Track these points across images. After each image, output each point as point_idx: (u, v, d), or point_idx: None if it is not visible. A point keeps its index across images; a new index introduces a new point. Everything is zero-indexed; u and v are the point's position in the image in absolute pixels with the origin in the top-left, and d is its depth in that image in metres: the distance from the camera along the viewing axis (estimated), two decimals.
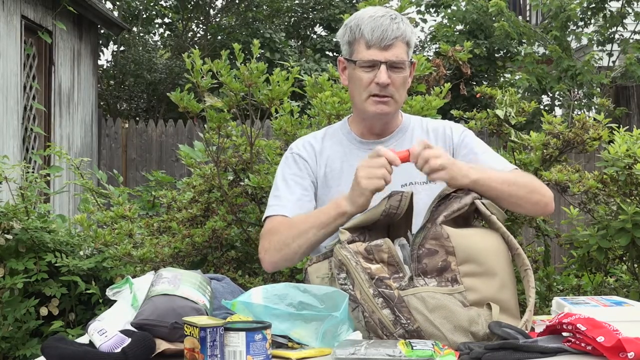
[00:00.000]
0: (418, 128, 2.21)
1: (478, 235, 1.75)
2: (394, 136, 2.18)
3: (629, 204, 3.08)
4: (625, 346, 1.44)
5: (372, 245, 1.70)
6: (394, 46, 2.04)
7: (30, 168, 5.49)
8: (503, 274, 1.71)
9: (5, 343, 3.82)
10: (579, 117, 3.39)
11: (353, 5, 12.75)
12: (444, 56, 3.81)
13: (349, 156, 2.15)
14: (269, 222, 2.08)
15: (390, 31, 2.03)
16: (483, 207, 1.79)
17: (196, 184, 3.52)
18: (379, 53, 2.04)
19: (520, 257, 1.75)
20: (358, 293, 1.67)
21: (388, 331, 1.65)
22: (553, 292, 3.50)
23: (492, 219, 1.77)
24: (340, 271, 1.70)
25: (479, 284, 1.68)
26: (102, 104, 11.67)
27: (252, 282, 3.29)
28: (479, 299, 1.67)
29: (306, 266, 1.84)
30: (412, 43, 2.10)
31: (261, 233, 2.10)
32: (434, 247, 1.69)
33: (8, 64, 6.94)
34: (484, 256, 1.70)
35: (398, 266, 1.69)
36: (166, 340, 1.60)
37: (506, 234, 1.75)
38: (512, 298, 1.72)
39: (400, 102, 2.12)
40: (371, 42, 2.04)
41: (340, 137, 2.20)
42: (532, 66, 8.78)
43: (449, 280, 1.67)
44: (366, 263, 1.68)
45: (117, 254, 3.43)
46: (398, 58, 2.04)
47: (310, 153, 2.17)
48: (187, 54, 3.14)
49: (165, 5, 13.49)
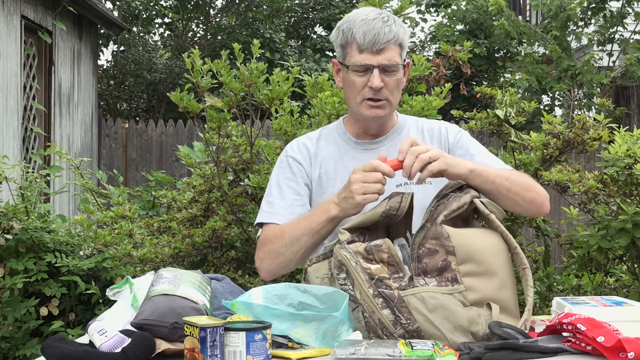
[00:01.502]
0: (413, 128, 2.21)
1: (478, 234, 1.75)
2: (389, 136, 2.18)
3: (629, 204, 3.08)
4: (625, 346, 1.44)
5: (372, 246, 1.70)
6: (387, 49, 2.04)
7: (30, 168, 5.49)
8: (503, 273, 1.71)
9: (5, 343, 3.83)
10: (579, 117, 3.39)
11: (353, 5, 12.76)
12: (444, 56, 3.81)
13: (343, 156, 2.16)
14: (262, 232, 2.09)
15: (382, 35, 2.03)
16: (482, 205, 1.79)
17: (196, 184, 3.52)
18: (372, 57, 2.04)
19: (519, 256, 1.75)
20: (358, 293, 1.67)
21: (388, 331, 1.65)
22: (553, 292, 3.50)
23: (491, 218, 1.77)
24: (340, 271, 1.70)
25: (479, 283, 1.68)
26: (102, 104, 11.67)
27: (252, 282, 3.29)
28: (479, 299, 1.67)
29: (306, 266, 1.84)
30: (406, 44, 2.10)
31: (258, 242, 2.11)
32: (434, 247, 1.69)
33: (8, 64, 6.94)
34: (484, 256, 1.70)
35: (398, 266, 1.69)
36: (166, 340, 1.60)
37: (505, 233, 1.75)
38: (512, 298, 1.72)
39: (394, 104, 2.12)
40: (363, 46, 2.04)
41: (336, 137, 2.20)
42: (532, 66, 8.78)
43: (449, 279, 1.67)
44: (366, 263, 1.68)
45: (117, 254, 3.43)
46: (391, 61, 2.03)
47: (305, 156, 2.17)
48: (187, 54, 3.14)
49: (165, 5, 13.50)
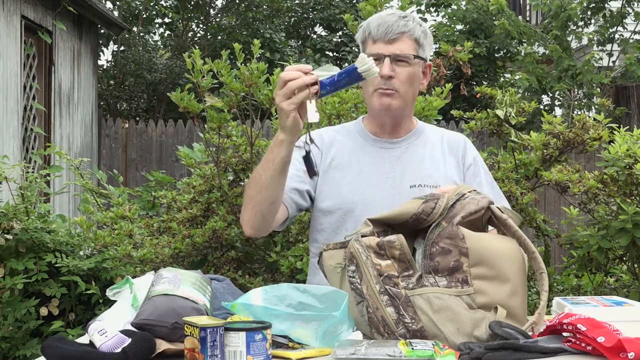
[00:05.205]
0: (433, 135, 2.26)
1: (494, 239, 1.73)
2: (406, 138, 2.23)
3: (629, 204, 3.08)
4: (625, 346, 1.44)
5: (385, 241, 1.68)
6: (399, 40, 2.09)
7: (30, 168, 5.49)
8: (515, 280, 1.68)
9: (5, 343, 3.82)
10: (579, 117, 3.40)
11: (353, 5, 12.76)
12: (445, 56, 3.81)
13: (359, 151, 2.20)
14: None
15: (395, 26, 2.09)
16: (498, 211, 1.76)
17: (196, 184, 3.52)
18: (384, 47, 2.09)
19: (537, 260, 1.72)
20: (365, 288, 1.67)
21: (389, 329, 1.65)
22: (553, 292, 3.50)
23: (509, 223, 1.74)
24: (350, 263, 1.69)
25: (490, 287, 1.66)
26: (102, 104, 11.67)
27: (252, 282, 3.29)
28: (488, 303, 1.65)
29: (321, 250, 1.82)
30: (422, 42, 2.14)
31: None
32: (447, 247, 1.67)
33: (8, 64, 6.94)
34: (497, 260, 1.67)
35: (409, 263, 1.67)
36: (166, 340, 1.60)
37: (522, 237, 1.73)
38: (521, 305, 1.69)
39: (406, 98, 2.14)
40: (376, 37, 2.10)
41: (354, 134, 2.26)
42: (532, 66, 8.78)
43: (459, 280, 1.66)
44: (377, 259, 1.67)
45: (117, 255, 3.43)
46: (402, 52, 2.07)
47: (319, 144, 2.20)
48: (188, 54, 3.14)
49: (165, 5, 13.49)
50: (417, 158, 2.21)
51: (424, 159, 2.21)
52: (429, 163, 2.20)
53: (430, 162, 2.21)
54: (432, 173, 2.19)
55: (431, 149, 2.23)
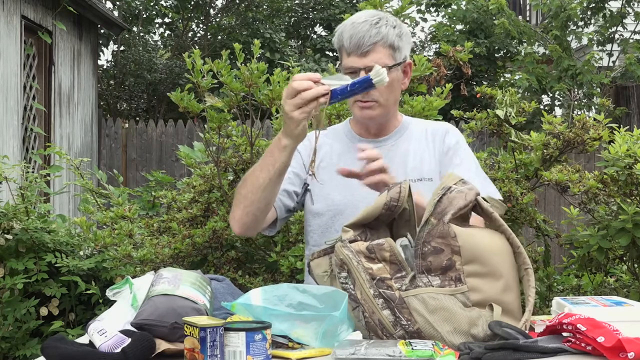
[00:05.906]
0: (417, 130, 2.27)
1: (485, 235, 1.72)
2: (392, 136, 2.25)
3: (629, 204, 3.07)
4: (625, 346, 1.44)
5: (374, 244, 1.69)
6: (373, 51, 2.09)
7: (30, 168, 5.49)
8: (508, 276, 1.68)
9: (5, 343, 3.82)
10: (579, 117, 3.39)
11: (353, 5, 12.75)
12: (445, 56, 3.81)
13: (346, 153, 2.22)
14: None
15: (367, 37, 2.08)
16: (486, 204, 1.75)
17: (196, 184, 3.52)
18: (358, 60, 2.09)
19: (521, 255, 1.73)
20: (359, 293, 1.67)
21: (388, 332, 1.65)
22: (553, 292, 3.49)
23: (494, 216, 1.74)
24: (341, 270, 1.69)
25: (483, 284, 1.66)
26: (102, 104, 11.67)
27: (252, 282, 3.29)
28: (482, 300, 1.66)
29: (308, 260, 1.85)
30: (398, 45, 2.12)
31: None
32: (439, 246, 1.67)
33: (8, 64, 6.94)
34: (489, 256, 1.67)
35: (400, 265, 1.67)
36: (166, 340, 1.60)
37: (507, 232, 1.73)
38: (515, 300, 1.70)
39: (387, 105, 2.16)
40: (349, 49, 2.11)
41: (342, 135, 2.28)
42: (532, 66, 8.78)
43: (452, 279, 1.66)
44: (368, 263, 1.68)
45: (117, 255, 3.43)
46: (377, 64, 2.05)
47: (307, 146, 2.23)
48: (188, 54, 3.14)
49: (165, 5, 13.50)
50: (401, 154, 2.22)
51: (408, 154, 2.22)
52: (413, 156, 2.22)
53: (414, 155, 2.22)
54: (416, 165, 2.20)
55: (416, 142, 2.25)
